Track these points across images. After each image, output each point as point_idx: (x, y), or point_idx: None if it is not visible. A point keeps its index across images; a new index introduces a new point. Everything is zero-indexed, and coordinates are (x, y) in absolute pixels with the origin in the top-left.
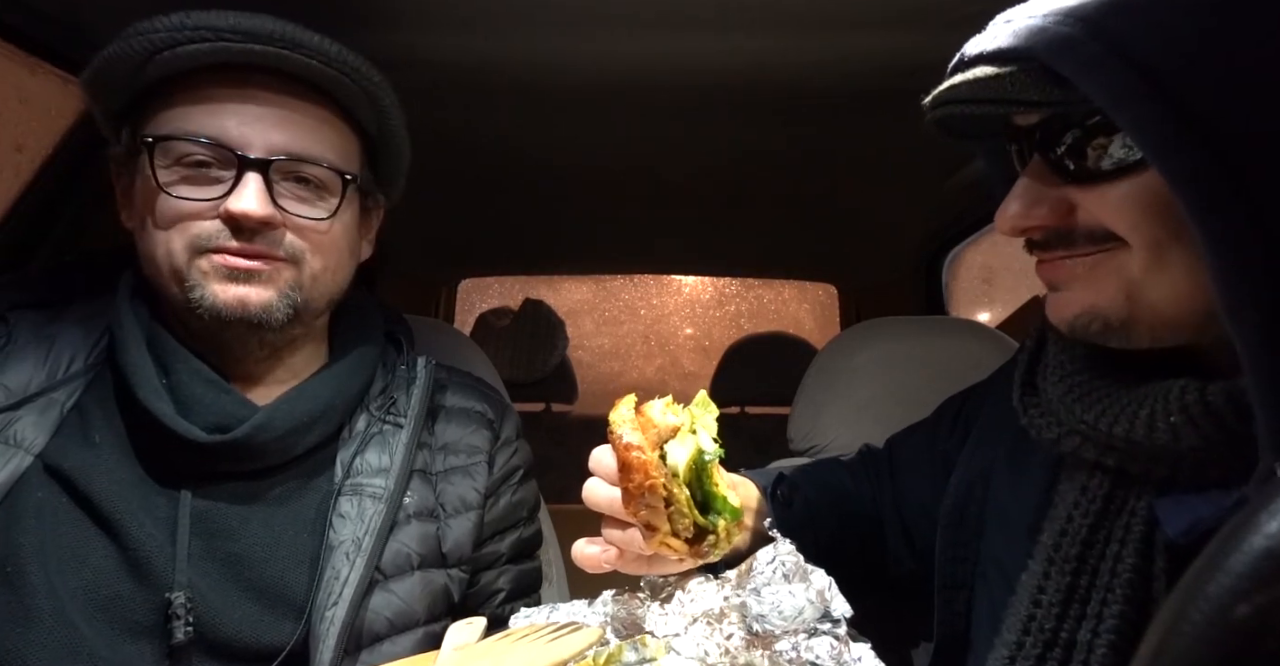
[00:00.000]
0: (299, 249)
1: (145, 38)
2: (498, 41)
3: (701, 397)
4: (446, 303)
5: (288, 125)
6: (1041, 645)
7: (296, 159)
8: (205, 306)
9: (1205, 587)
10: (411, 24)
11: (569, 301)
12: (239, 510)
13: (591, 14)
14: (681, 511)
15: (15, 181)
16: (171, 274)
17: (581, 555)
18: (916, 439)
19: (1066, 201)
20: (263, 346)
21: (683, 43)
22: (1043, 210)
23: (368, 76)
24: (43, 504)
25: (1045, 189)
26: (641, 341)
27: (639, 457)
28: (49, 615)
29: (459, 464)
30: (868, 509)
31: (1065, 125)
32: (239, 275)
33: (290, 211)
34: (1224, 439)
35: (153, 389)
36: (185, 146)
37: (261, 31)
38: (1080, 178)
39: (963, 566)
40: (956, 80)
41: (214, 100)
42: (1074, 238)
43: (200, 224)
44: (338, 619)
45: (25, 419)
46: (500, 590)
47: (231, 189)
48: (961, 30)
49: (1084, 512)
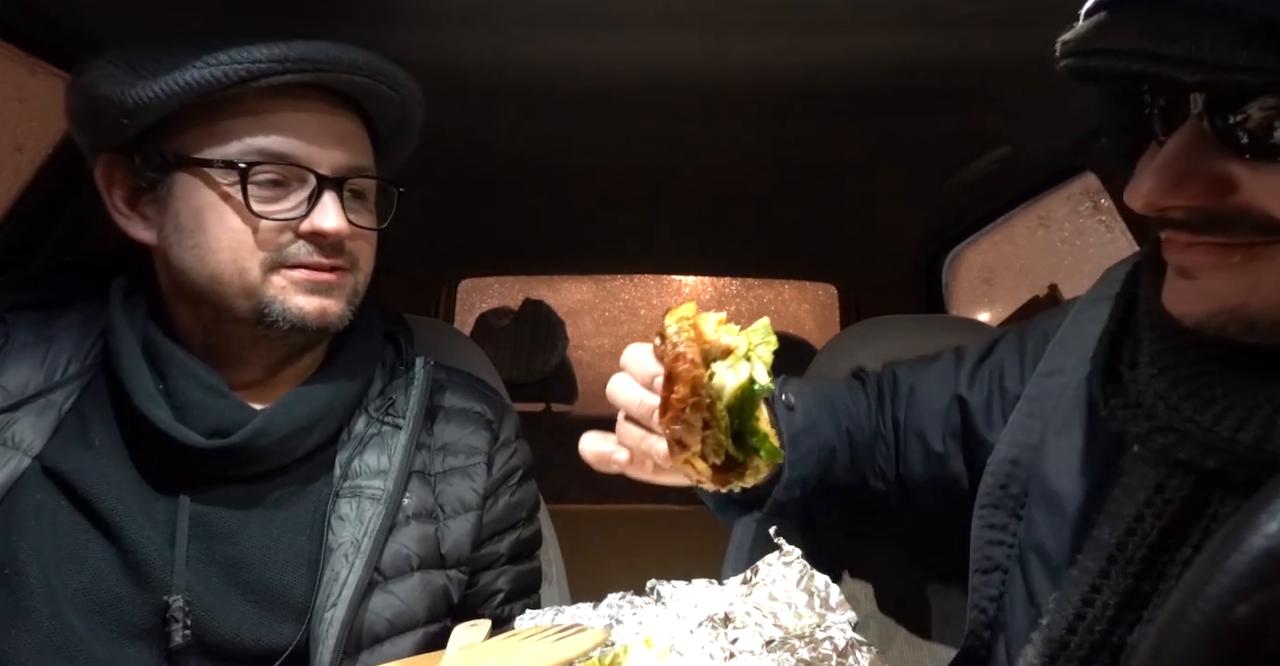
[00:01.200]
0: (356, 256)
1: (242, 67)
2: (498, 41)
3: (764, 324)
4: (446, 303)
5: (342, 141)
6: (1089, 647)
7: (359, 174)
8: (287, 318)
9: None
10: (411, 23)
11: (569, 301)
12: (237, 513)
13: (591, 14)
14: (719, 437)
15: (15, 181)
16: (243, 289)
17: (591, 451)
18: (932, 376)
19: (1227, 179)
20: (288, 350)
21: (683, 43)
22: (1195, 187)
23: (419, 100)
24: (41, 506)
25: (1200, 161)
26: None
27: (689, 371)
28: (47, 617)
29: (458, 465)
30: (863, 425)
31: (1247, 88)
32: (321, 287)
33: (355, 223)
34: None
35: (149, 395)
36: (268, 168)
37: (353, 64)
38: (1256, 152)
39: (1000, 549)
40: (1117, 25)
41: (278, 120)
42: (1229, 222)
43: (277, 239)
44: (337, 620)
45: (23, 420)
46: (499, 591)
47: (311, 207)
48: (962, 30)
49: (1157, 513)
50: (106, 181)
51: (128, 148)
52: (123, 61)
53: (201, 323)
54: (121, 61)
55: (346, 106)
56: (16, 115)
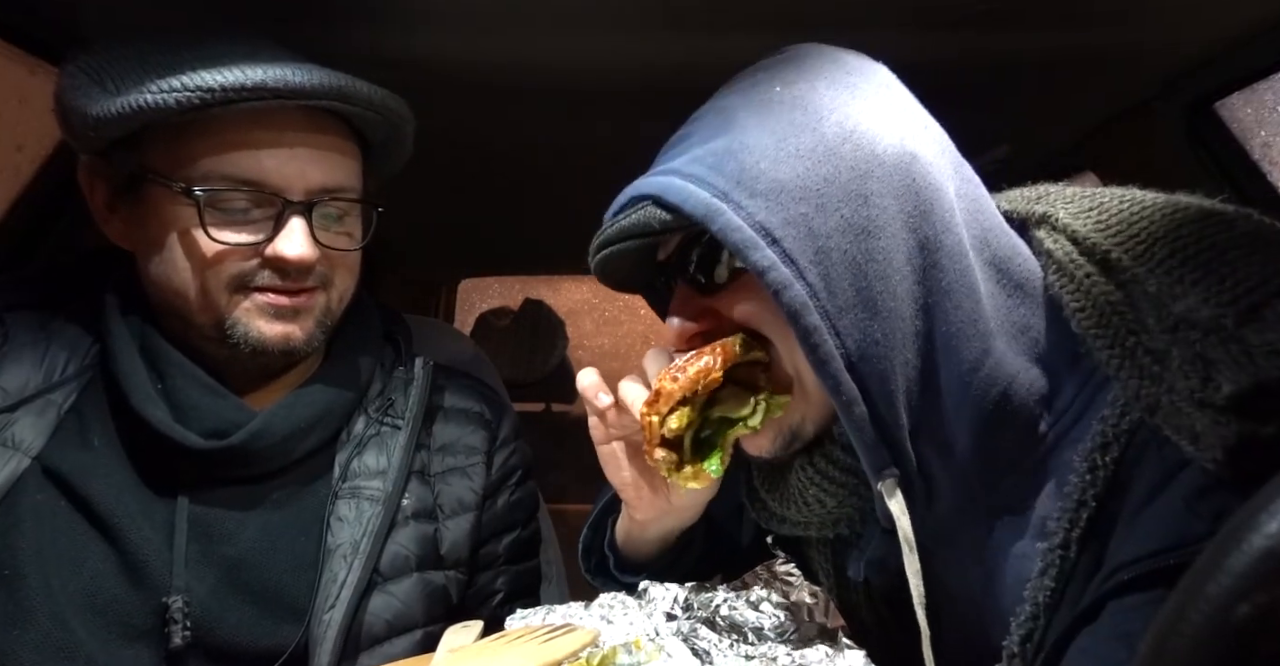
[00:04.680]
0: (328, 275)
1: (195, 95)
2: (497, 41)
3: (787, 398)
4: (446, 303)
5: (319, 161)
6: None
7: (333, 196)
8: (249, 342)
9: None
10: (410, 22)
11: (569, 301)
12: (236, 514)
13: (591, 14)
14: (689, 412)
15: (15, 181)
16: (205, 308)
17: (585, 378)
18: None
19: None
20: (264, 369)
21: (683, 43)
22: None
23: (404, 117)
24: (41, 506)
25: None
26: (641, 341)
27: (721, 352)
28: (46, 618)
29: (456, 465)
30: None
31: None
32: (285, 312)
33: (326, 245)
34: (846, 492)
35: (147, 396)
36: (230, 194)
37: (317, 89)
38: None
39: None
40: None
41: (247, 141)
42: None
43: (240, 264)
44: (336, 621)
45: (23, 420)
46: (499, 591)
47: (275, 231)
48: (962, 30)
49: (830, 584)
50: (88, 184)
51: (106, 152)
52: (92, 70)
53: (179, 332)
54: (91, 70)
55: (327, 118)
56: (16, 115)
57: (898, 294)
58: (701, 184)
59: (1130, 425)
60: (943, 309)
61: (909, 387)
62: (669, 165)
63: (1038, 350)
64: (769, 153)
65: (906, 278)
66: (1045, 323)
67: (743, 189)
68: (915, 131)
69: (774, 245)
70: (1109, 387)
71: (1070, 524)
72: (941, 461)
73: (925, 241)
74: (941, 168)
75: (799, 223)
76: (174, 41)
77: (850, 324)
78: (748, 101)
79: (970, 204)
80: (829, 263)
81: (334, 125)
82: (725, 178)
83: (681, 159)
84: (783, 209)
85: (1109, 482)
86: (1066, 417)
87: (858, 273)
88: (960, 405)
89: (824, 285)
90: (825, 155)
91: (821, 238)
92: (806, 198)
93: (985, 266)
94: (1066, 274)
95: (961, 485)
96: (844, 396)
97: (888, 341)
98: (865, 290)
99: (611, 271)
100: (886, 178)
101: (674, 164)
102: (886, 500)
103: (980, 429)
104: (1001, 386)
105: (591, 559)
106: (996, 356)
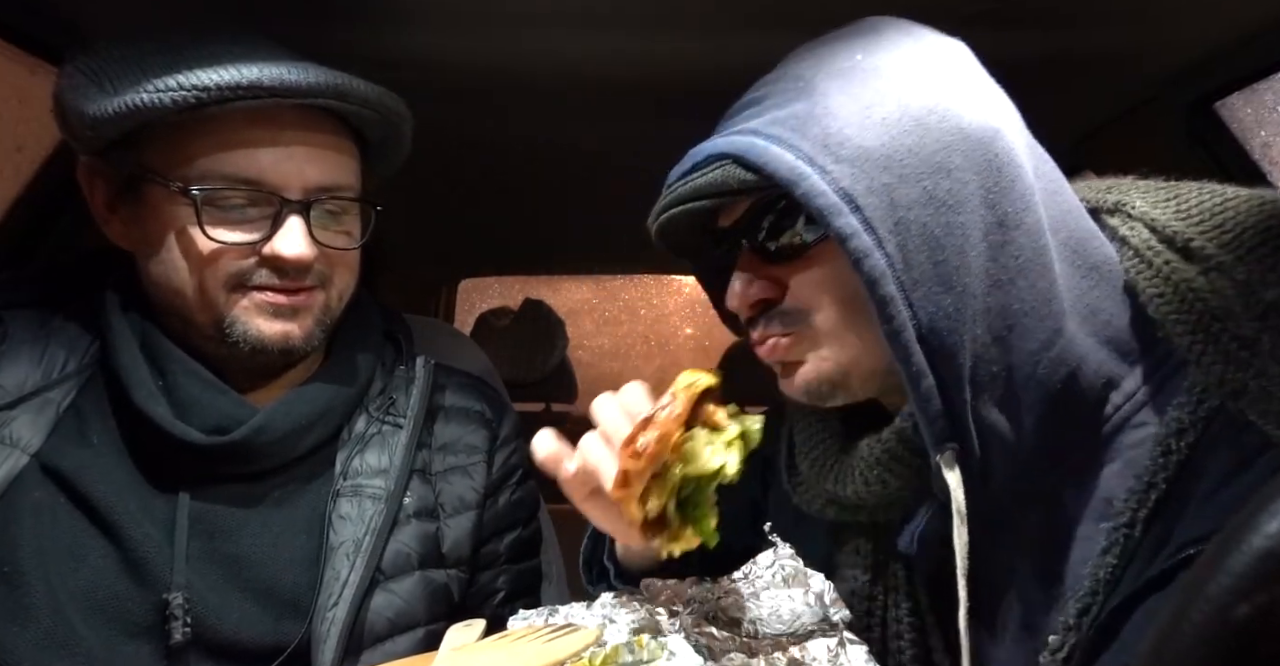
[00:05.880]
0: (327, 274)
1: (190, 95)
2: (497, 41)
3: (759, 423)
4: (446, 303)
5: (317, 159)
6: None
7: (331, 195)
8: (248, 340)
9: (1205, 587)
10: (411, 22)
11: (569, 301)
12: (237, 511)
13: (592, 13)
14: (663, 493)
15: (15, 181)
16: (203, 307)
17: (544, 450)
18: None
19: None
20: (265, 368)
21: (683, 42)
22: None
23: (402, 116)
24: (40, 503)
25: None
26: (641, 341)
27: (668, 424)
28: (47, 614)
29: (457, 463)
30: None
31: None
32: (284, 311)
33: (324, 243)
34: (911, 472)
35: (148, 391)
36: (227, 193)
37: (313, 88)
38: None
39: None
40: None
41: (244, 140)
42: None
43: (238, 263)
44: (338, 619)
45: (21, 418)
46: (500, 590)
47: (273, 230)
48: (963, 31)
49: (863, 568)
50: (88, 184)
51: (104, 152)
52: (91, 70)
53: (179, 331)
54: (90, 70)
55: (325, 117)
56: (16, 115)
57: (973, 269)
58: (786, 146)
59: (1207, 412)
60: (1016, 287)
61: (977, 363)
62: (747, 125)
63: (1108, 333)
64: (854, 119)
65: (982, 254)
66: (1118, 306)
67: (828, 153)
68: (998, 108)
69: (856, 212)
70: (1182, 374)
71: (1138, 504)
72: (1002, 438)
73: (1004, 218)
74: (1022, 147)
75: (881, 192)
76: (172, 41)
77: (923, 296)
78: (826, 69)
79: (1049, 184)
80: (907, 234)
81: (331, 124)
82: (810, 141)
83: (760, 120)
84: (866, 177)
85: (1180, 466)
86: (1134, 401)
87: (935, 245)
88: (1027, 383)
89: (901, 256)
90: (911, 125)
91: (902, 208)
92: (890, 167)
93: (1061, 247)
94: (1144, 260)
95: (1020, 463)
96: (913, 367)
97: (959, 315)
98: (941, 263)
99: (670, 233)
100: (970, 152)
101: (753, 124)
102: (944, 471)
103: (1045, 408)
104: (1070, 366)
105: (593, 570)
106: (1068, 337)
